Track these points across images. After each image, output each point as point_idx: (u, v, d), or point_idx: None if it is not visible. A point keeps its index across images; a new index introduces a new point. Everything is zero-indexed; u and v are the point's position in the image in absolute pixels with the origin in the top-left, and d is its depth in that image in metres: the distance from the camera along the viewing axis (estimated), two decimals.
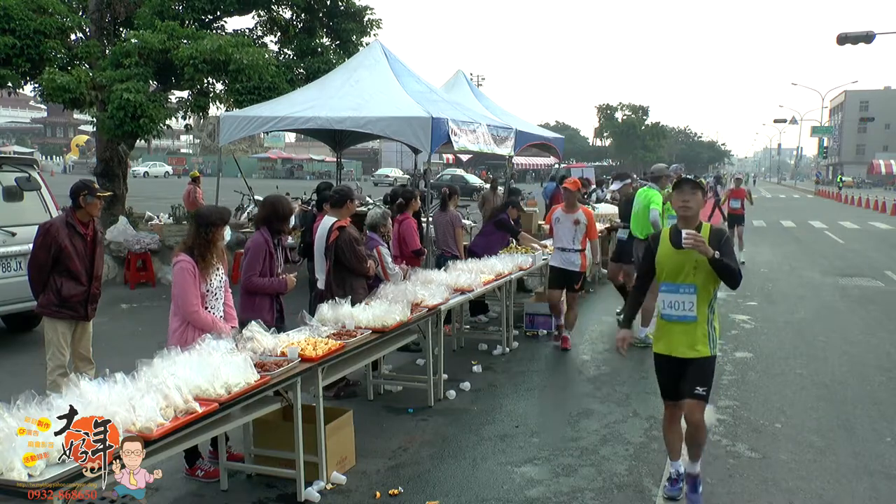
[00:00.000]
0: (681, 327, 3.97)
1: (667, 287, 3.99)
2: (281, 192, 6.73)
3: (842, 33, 20.32)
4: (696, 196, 3.93)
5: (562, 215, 7.50)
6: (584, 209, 7.57)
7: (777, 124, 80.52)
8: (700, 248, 3.75)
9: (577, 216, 7.42)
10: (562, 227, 7.48)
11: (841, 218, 27.82)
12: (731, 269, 3.84)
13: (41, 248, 5.10)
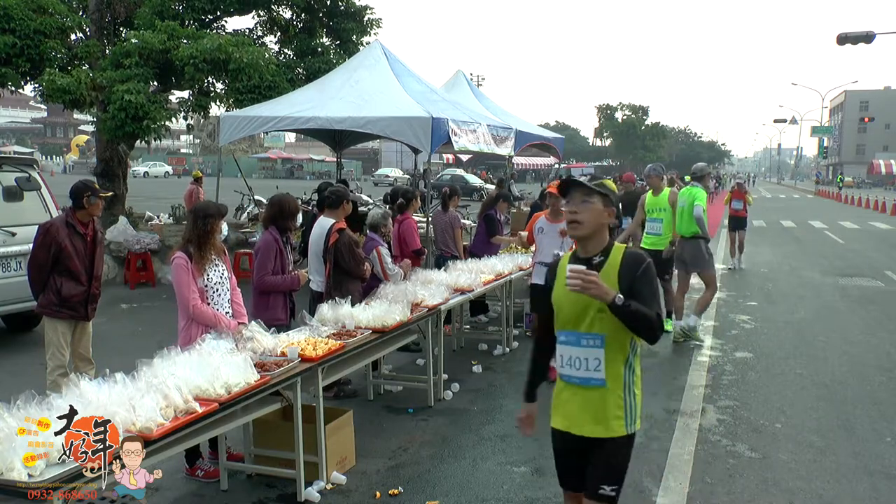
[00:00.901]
0: (584, 395, 2.81)
1: (565, 337, 2.84)
2: (281, 192, 6.74)
3: (842, 33, 20.32)
4: (593, 207, 2.77)
5: (546, 225, 6.51)
6: None
7: (777, 124, 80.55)
8: (591, 290, 2.60)
9: (562, 225, 6.47)
10: (546, 238, 6.49)
11: (841, 218, 27.82)
12: (644, 317, 2.65)
13: (41, 248, 5.11)
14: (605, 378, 2.77)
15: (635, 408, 2.83)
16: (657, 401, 6.04)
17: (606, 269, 2.76)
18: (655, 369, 6.95)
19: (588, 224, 2.77)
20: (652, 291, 2.76)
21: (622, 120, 76.95)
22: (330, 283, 5.70)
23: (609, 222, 2.82)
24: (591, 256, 2.79)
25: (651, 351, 7.64)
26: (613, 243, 2.83)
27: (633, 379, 2.85)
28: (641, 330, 2.70)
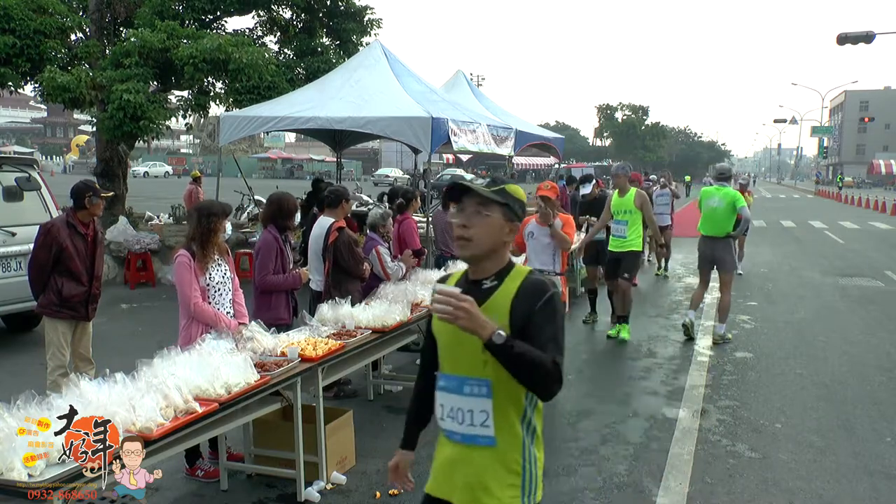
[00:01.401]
0: (468, 456, 2.17)
1: (445, 382, 2.21)
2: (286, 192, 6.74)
3: (842, 33, 20.33)
4: (490, 220, 2.14)
5: (536, 229, 6.22)
6: (563, 217, 6.30)
7: (777, 124, 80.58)
8: (460, 320, 1.95)
9: (555, 227, 6.17)
10: (537, 244, 6.23)
11: (841, 218, 27.82)
12: (533, 363, 1.98)
13: (42, 248, 5.11)
14: (496, 436, 2.13)
15: (535, 477, 2.17)
16: (657, 401, 6.05)
17: (497, 296, 2.12)
18: (655, 369, 6.96)
19: (481, 241, 2.12)
20: (554, 331, 2.07)
21: (622, 120, 76.90)
22: (329, 281, 5.70)
23: (509, 239, 2.20)
24: (481, 279, 2.17)
25: (651, 351, 7.65)
26: (514, 265, 2.21)
27: (534, 439, 2.19)
28: (529, 379, 2.02)
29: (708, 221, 7.96)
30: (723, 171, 8.37)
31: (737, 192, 8.06)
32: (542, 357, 2.00)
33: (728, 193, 7.86)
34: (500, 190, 2.18)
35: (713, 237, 7.92)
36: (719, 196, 7.86)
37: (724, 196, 7.83)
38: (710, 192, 8.03)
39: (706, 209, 7.98)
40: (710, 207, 7.91)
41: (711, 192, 8.00)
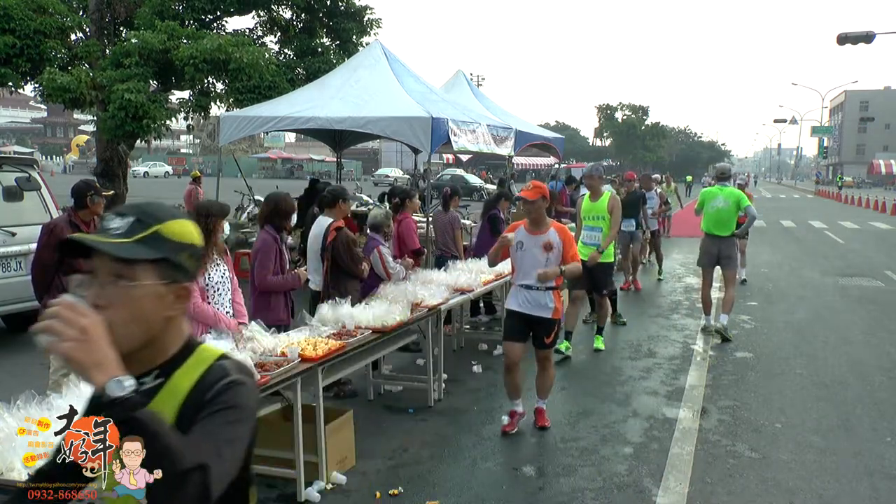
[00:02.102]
0: None
1: None
2: (283, 192, 6.74)
3: (842, 33, 20.34)
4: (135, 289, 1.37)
5: (526, 237, 5.15)
6: (558, 226, 5.24)
7: (777, 124, 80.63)
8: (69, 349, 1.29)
9: (548, 238, 5.09)
10: (527, 255, 5.14)
11: (841, 218, 27.82)
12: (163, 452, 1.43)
13: (46, 248, 5.14)
14: None
15: None
16: (657, 401, 6.05)
17: (160, 400, 1.44)
18: (655, 369, 6.96)
19: (125, 328, 1.36)
20: (217, 430, 1.37)
21: (622, 120, 76.92)
22: (328, 281, 5.70)
23: (176, 311, 1.44)
24: (140, 376, 1.41)
25: (651, 351, 7.65)
26: (196, 346, 1.49)
27: None
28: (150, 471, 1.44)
29: (713, 221, 8.10)
30: (723, 171, 8.52)
31: (739, 192, 8.25)
32: (184, 451, 1.34)
33: (732, 193, 8.06)
34: (147, 237, 1.37)
35: (718, 236, 8.07)
36: (723, 196, 8.02)
37: (728, 196, 8.01)
38: (713, 193, 8.16)
39: (711, 209, 8.10)
40: (715, 208, 8.06)
41: (715, 193, 8.14)
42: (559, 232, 5.16)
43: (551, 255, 5.06)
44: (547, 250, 5.07)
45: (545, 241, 5.08)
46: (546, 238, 5.11)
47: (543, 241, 5.09)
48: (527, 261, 5.15)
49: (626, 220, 10.01)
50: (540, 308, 5.11)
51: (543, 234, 5.13)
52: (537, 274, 5.38)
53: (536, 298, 5.12)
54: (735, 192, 8.15)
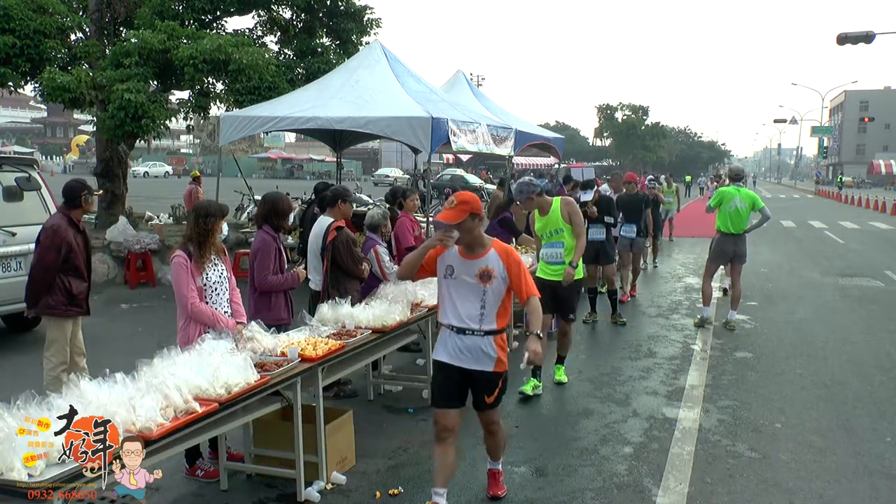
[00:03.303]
0: None
1: None
2: (281, 192, 6.74)
3: (842, 33, 20.31)
4: None
5: (457, 261, 3.85)
6: (501, 247, 3.86)
7: (777, 124, 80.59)
8: None
9: (485, 263, 3.80)
10: (458, 285, 3.84)
11: (841, 218, 27.82)
12: None
13: (50, 249, 5.11)
14: None
15: None
16: (657, 401, 6.05)
17: None
18: (655, 369, 6.96)
19: None
20: None
21: (622, 120, 76.86)
22: (327, 281, 5.70)
23: None
24: None
25: (651, 351, 7.65)
26: None
27: None
28: None
29: (731, 220, 8.52)
30: (738, 173, 9.16)
31: (753, 193, 8.75)
32: None
33: (748, 194, 8.56)
34: None
35: (735, 234, 8.51)
36: (740, 196, 8.49)
37: (745, 197, 8.50)
38: (731, 194, 8.55)
39: (730, 209, 8.51)
40: (735, 207, 8.48)
41: (733, 193, 8.55)
42: (503, 255, 3.82)
43: (490, 288, 3.77)
44: (484, 280, 3.77)
45: (481, 268, 3.78)
46: (483, 264, 3.79)
47: (479, 268, 3.78)
48: (457, 293, 3.83)
49: (627, 225, 10.02)
50: (479, 358, 3.81)
51: (480, 258, 3.80)
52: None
53: (473, 346, 3.80)
54: (751, 193, 8.63)
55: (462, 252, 3.84)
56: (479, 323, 3.79)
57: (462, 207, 3.71)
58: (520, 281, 3.80)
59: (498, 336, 3.85)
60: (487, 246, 3.85)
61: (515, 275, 3.80)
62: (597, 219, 8.83)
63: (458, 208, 3.71)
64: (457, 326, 3.83)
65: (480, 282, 3.78)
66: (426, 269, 3.92)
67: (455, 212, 3.71)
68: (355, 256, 5.68)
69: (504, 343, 3.89)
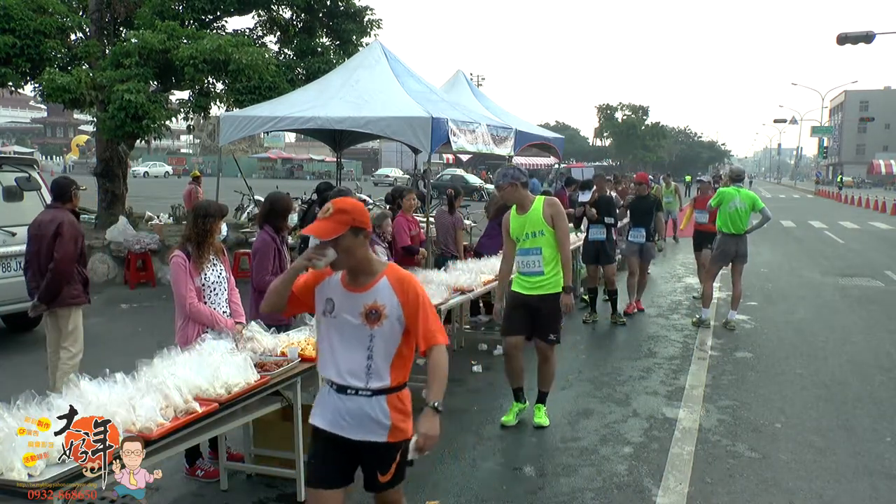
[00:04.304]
0: None
1: None
2: (282, 192, 6.74)
3: (842, 33, 20.32)
4: None
5: (339, 294, 2.88)
6: (397, 275, 2.88)
7: (777, 124, 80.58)
8: None
9: (373, 298, 2.84)
10: (338, 325, 2.87)
11: (841, 218, 27.82)
12: None
13: (70, 242, 5.33)
14: None
15: None
16: (657, 401, 6.05)
17: None
18: (655, 369, 6.96)
19: None
20: None
21: (622, 120, 76.87)
22: None
23: None
24: None
25: (651, 351, 7.65)
26: None
27: None
28: None
29: (732, 221, 8.54)
30: (739, 173, 9.22)
31: (753, 193, 8.75)
32: None
33: (748, 195, 8.58)
34: None
35: (736, 235, 8.54)
36: (740, 197, 8.51)
37: (745, 197, 8.52)
38: (731, 194, 8.56)
39: (730, 209, 8.52)
40: (735, 208, 8.49)
41: (733, 194, 8.56)
42: (399, 286, 2.83)
43: (379, 331, 2.80)
44: (370, 321, 2.79)
45: (367, 305, 2.80)
46: (370, 298, 2.81)
47: (365, 305, 2.80)
48: (338, 338, 2.85)
49: (636, 229, 9.42)
50: (365, 426, 2.86)
51: (366, 290, 2.82)
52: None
53: (357, 410, 2.84)
54: (751, 193, 8.64)
55: (345, 281, 2.85)
56: (364, 379, 2.82)
57: (339, 218, 2.73)
58: (419, 322, 2.83)
59: (393, 395, 2.87)
60: (377, 273, 2.84)
61: (413, 313, 2.82)
62: (597, 220, 8.84)
63: (333, 219, 2.72)
64: (336, 383, 2.86)
65: (366, 323, 2.79)
66: (299, 301, 2.94)
67: (329, 223, 2.72)
68: None
69: (404, 403, 2.94)
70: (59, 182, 5.51)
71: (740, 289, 8.91)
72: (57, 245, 5.29)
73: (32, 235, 5.46)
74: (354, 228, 2.75)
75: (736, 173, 9.31)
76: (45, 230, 5.33)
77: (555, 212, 5.12)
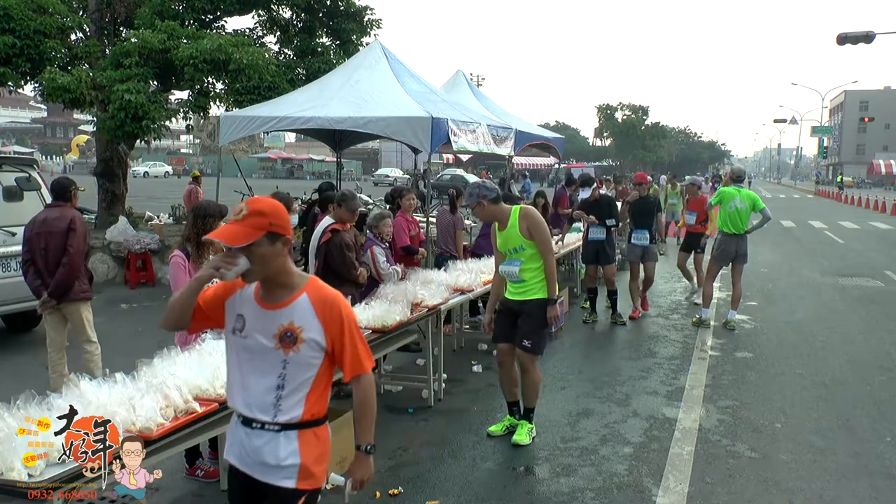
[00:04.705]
0: None
1: None
2: (284, 193, 6.74)
3: (842, 33, 20.31)
4: None
5: (251, 310, 2.44)
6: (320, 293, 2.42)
7: (777, 124, 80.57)
8: None
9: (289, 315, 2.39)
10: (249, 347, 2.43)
11: (841, 218, 27.82)
12: None
13: (82, 238, 5.47)
14: None
15: None
16: (657, 401, 6.05)
17: None
18: (655, 369, 6.96)
19: None
20: None
21: (622, 120, 76.78)
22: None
23: None
24: None
25: (651, 351, 7.65)
26: None
27: None
28: None
29: (732, 221, 8.55)
30: (739, 174, 9.31)
31: (755, 193, 8.82)
32: None
33: (748, 195, 8.59)
34: None
35: (737, 235, 8.55)
36: (741, 197, 8.52)
37: (745, 197, 8.53)
38: (732, 194, 8.57)
39: (731, 209, 8.52)
40: (735, 208, 8.49)
41: (733, 194, 8.56)
42: (320, 306, 2.40)
43: (295, 357, 2.37)
44: (285, 345, 2.37)
45: (282, 326, 2.38)
46: (286, 318, 2.39)
47: (279, 325, 2.38)
48: (248, 361, 2.44)
49: (639, 231, 9.09)
50: (269, 467, 2.42)
51: (282, 307, 2.40)
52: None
53: (262, 447, 2.42)
54: (751, 193, 8.65)
55: (259, 296, 2.44)
56: (271, 411, 2.39)
57: (253, 221, 2.32)
58: (346, 347, 2.42)
59: (307, 432, 2.43)
60: (297, 289, 2.42)
61: (337, 336, 2.40)
62: (598, 223, 8.83)
63: (246, 222, 2.32)
64: (242, 414, 2.44)
65: (280, 346, 2.37)
66: (206, 316, 2.51)
67: (240, 227, 2.32)
68: (348, 261, 5.60)
69: (320, 442, 2.47)
70: (60, 182, 5.65)
71: (740, 289, 8.92)
72: (70, 239, 5.38)
73: (37, 233, 5.49)
74: (271, 234, 2.34)
75: (737, 173, 9.38)
76: (54, 226, 5.41)
77: (530, 223, 4.87)
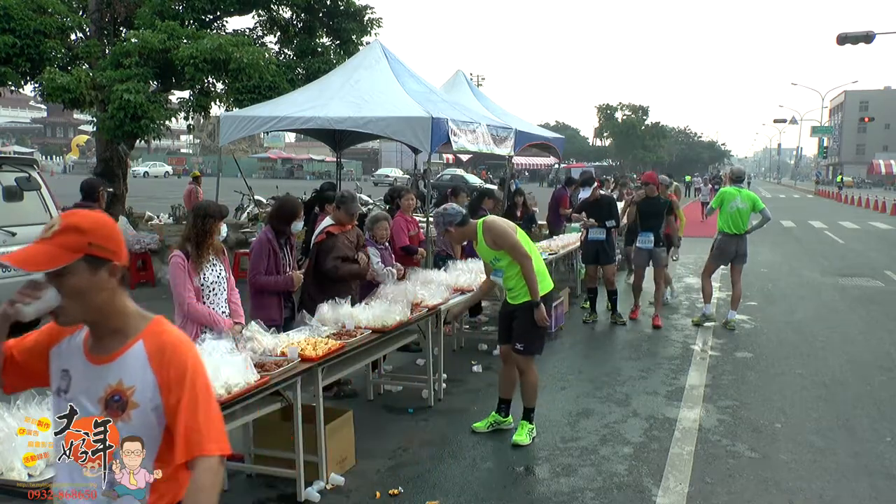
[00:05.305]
0: None
1: None
2: (281, 192, 6.74)
3: (842, 33, 20.31)
4: None
5: (78, 364, 1.88)
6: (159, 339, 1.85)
7: (777, 124, 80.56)
8: None
9: (118, 372, 1.84)
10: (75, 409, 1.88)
11: (841, 218, 27.82)
12: None
13: None
14: None
15: None
16: (657, 401, 6.05)
17: None
18: (655, 369, 6.96)
19: None
20: None
21: (622, 120, 76.75)
22: (309, 280, 5.57)
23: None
24: None
25: (651, 351, 7.65)
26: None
27: None
28: None
29: (733, 221, 8.59)
30: (739, 174, 9.38)
31: (755, 193, 8.86)
32: None
33: (749, 195, 8.64)
34: None
35: (737, 235, 8.59)
36: (741, 197, 8.57)
37: (745, 198, 8.58)
38: (732, 194, 8.62)
39: (731, 210, 8.56)
40: (736, 208, 8.54)
41: (734, 194, 8.61)
42: (157, 357, 1.84)
43: (125, 427, 1.92)
44: (113, 412, 1.89)
45: (109, 387, 1.86)
46: (115, 375, 1.86)
47: (108, 386, 1.86)
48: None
49: (645, 234, 8.66)
50: None
51: (111, 361, 1.86)
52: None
53: None
54: (751, 194, 8.71)
55: (87, 346, 1.88)
56: (101, 500, 1.99)
57: (64, 240, 1.74)
58: (182, 411, 1.81)
59: None
60: (134, 335, 1.86)
61: (175, 399, 1.82)
62: (598, 224, 8.83)
63: (55, 240, 1.74)
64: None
65: (107, 413, 1.87)
66: (22, 370, 1.95)
67: (46, 247, 1.74)
68: (335, 264, 5.52)
69: None
70: (90, 182, 5.97)
71: (740, 289, 8.93)
72: None
73: None
74: (91, 258, 1.74)
75: (736, 174, 9.42)
76: None
77: (493, 235, 4.90)
